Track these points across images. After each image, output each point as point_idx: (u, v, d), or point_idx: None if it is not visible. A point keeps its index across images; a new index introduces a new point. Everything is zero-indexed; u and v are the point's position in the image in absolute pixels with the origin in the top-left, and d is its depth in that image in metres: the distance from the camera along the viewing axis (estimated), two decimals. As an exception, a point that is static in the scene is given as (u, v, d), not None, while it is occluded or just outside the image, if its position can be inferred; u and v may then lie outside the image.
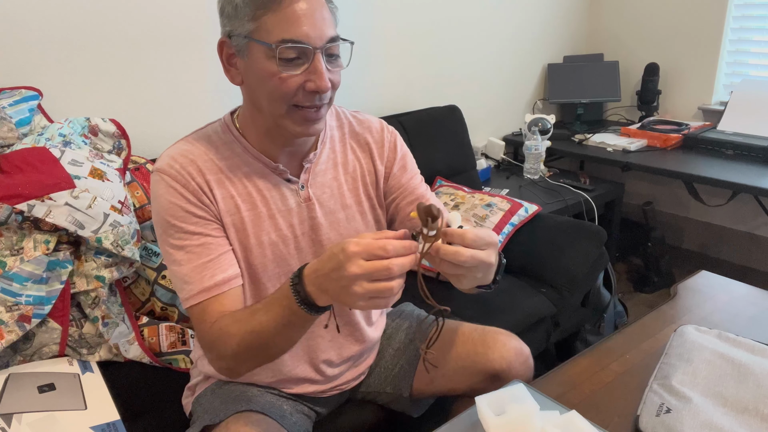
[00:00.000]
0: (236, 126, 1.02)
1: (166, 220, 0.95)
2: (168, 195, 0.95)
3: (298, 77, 0.89)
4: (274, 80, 0.89)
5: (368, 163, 1.11)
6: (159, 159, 0.99)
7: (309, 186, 1.05)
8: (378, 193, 1.12)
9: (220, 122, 1.04)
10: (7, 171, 1.26)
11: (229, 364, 0.93)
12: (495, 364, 1.11)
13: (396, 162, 1.12)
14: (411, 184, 1.13)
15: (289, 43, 0.86)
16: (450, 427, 0.91)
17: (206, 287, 0.93)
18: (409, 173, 1.14)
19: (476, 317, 1.46)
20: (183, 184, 0.95)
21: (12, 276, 1.21)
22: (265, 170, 1.01)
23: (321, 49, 0.88)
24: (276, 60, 0.87)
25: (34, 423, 1.06)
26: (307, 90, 0.90)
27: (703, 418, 0.86)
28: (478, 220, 1.93)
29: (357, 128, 1.12)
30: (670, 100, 2.82)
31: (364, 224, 1.11)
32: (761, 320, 1.17)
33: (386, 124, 1.15)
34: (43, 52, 1.52)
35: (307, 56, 0.88)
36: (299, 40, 0.86)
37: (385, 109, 2.23)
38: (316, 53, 0.88)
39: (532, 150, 2.49)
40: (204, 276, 0.93)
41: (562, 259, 1.83)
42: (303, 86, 0.89)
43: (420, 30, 2.36)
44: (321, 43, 0.88)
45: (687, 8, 2.69)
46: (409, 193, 1.12)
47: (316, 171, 1.06)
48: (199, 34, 1.76)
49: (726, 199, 2.37)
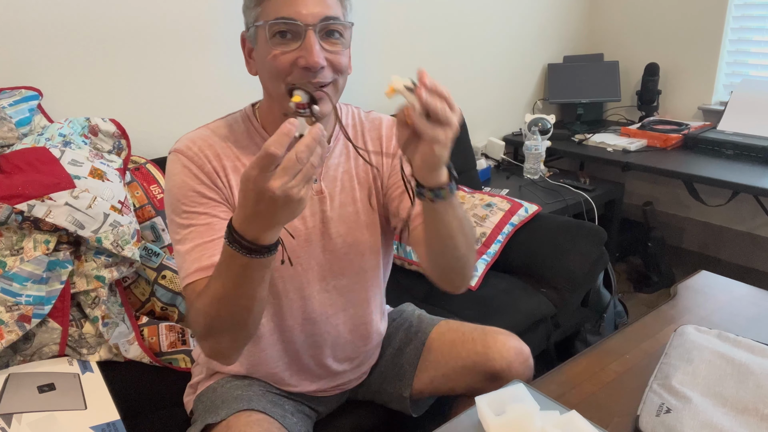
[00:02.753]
0: (256, 117, 1.03)
1: (176, 198, 0.95)
2: (182, 174, 0.96)
3: (291, 54, 0.89)
4: (270, 59, 0.90)
5: (377, 158, 1.11)
6: (178, 141, 1.00)
7: (321, 179, 1.05)
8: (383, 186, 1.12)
9: (241, 112, 1.05)
10: (7, 171, 1.26)
11: (210, 344, 0.91)
12: (495, 364, 1.11)
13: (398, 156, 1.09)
14: None
15: (280, 20, 0.88)
16: (450, 427, 0.91)
17: (203, 266, 0.92)
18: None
19: (476, 317, 1.47)
20: (199, 165, 0.96)
21: (12, 276, 1.21)
22: None
23: (314, 27, 0.88)
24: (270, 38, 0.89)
25: (34, 423, 1.06)
26: (300, 66, 0.89)
27: (703, 418, 0.86)
28: (478, 220, 1.93)
29: (369, 125, 1.12)
30: (670, 100, 2.82)
31: (373, 219, 1.10)
32: (761, 320, 1.17)
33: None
34: (43, 52, 1.51)
35: (300, 34, 0.89)
36: (290, 18, 0.88)
37: (385, 109, 2.22)
38: (308, 30, 0.88)
39: (532, 150, 2.49)
40: (203, 255, 0.93)
41: (562, 259, 1.83)
42: (296, 63, 0.90)
43: (420, 30, 2.36)
44: (313, 20, 0.88)
45: (687, 8, 2.69)
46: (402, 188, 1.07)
47: (329, 164, 1.06)
48: (201, 34, 1.76)
49: (726, 199, 2.38)
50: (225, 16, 1.76)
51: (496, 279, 1.84)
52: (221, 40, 1.79)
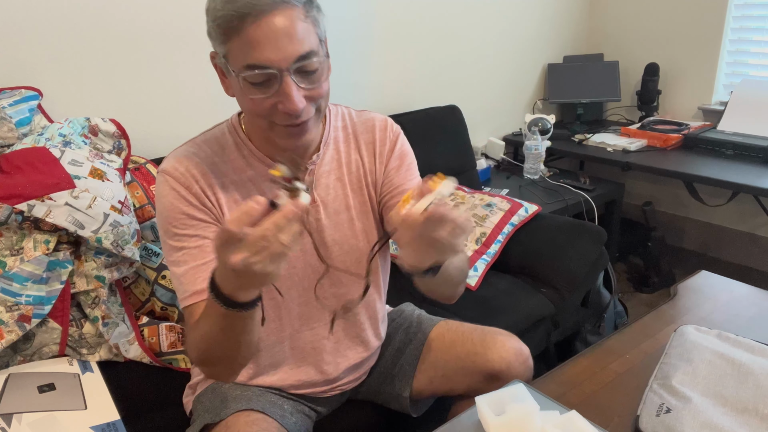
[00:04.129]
0: (242, 127, 1.02)
1: (167, 221, 0.96)
2: (170, 196, 0.95)
3: (269, 99, 0.87)
4: (248, 101, 0.88)
5: (371, 162, 1.09)
6: (165, 160, 0.99)
7: (313, 188, 1.04)
8: (377, 191, 1.10)
9: (227, 123, 1.04)
10: (7, 171, 1.26)
11: (206, 370, 0.95)
12: (494, 365, 1.11)
13: (392, 159, 1.09)
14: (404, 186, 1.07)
15: (253, 69, 0.84)
16: (450, 427, 0.91)
17: (197, 290, 0.93)
18: (404, 174, 1.08)
19: (476, 317, 1.47)
20: (186, 186, 0.95)
21: (12, 276, 1.21)
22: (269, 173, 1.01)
23: (288, 70, 0.84)
24: (243, 86, 0.86)
25: (34, 423, 1.06)
26: (279, 110, 0.88)
27: (703, 418, 0.86)
28: (478, 220, 1.93)
29: (361, 127, 1.10)
30: (670, 100, 2.82)
31: (368, 224, 1.10)
32: (761, 320, 1.17)
33: (391, 122, 1.12)
34: (43, 52, 1.52)
35: (275, 79, 0.85)
36: (262, 65, 0.83)
37: (385, 109, 2.23)
38: (284, 76, 0.84)
39: (532, 150, 2.49)
40: (197, 278, 0.94)
41: (562, 259, 1.83)
42: (275, 107, 0.87)
43: (420, 30, 2.36)
44: (287, 63, 0.84)
45: (687, 8, 2.69)
46: (398, 194, 1.06)
47: (320, 173, 1.05)
48: (200, 34, 1.75)
49: (726, 199, 2.38)
50: (225, 16, 1.76)
51: (496, 279, 1.84)
52: (221, 40, 1.79)
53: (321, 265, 1.05)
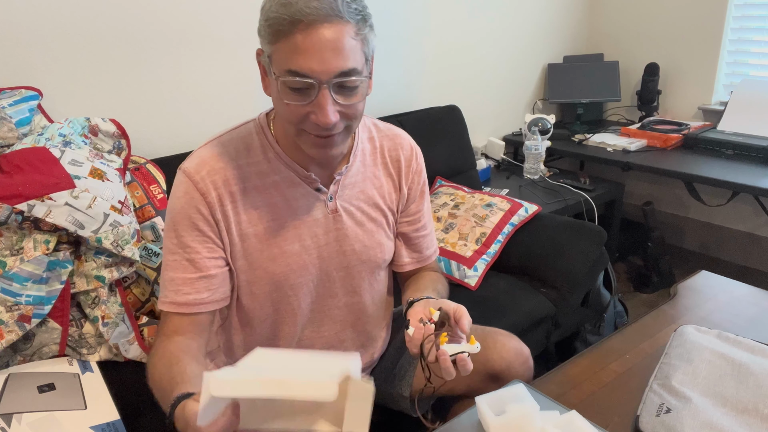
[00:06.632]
0: (270, 129, 1.01)
1: (174, 220, 0.97)
2: (183, 200, 0.96)
3: (304, 107, 0.87)
4: (283, 105, 0.88)
5: (396, 180, 1.12)
6: (189, 158, 0.99)
7: (337, 198, 1.04)
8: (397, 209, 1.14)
9: (254, 122, 1.02)
10: (7, 171, 1.26)
11: None
12: (494, 365, 1.11)
13: (418, 188, 1.15)
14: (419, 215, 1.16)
15: (294, 76, 0.84)
16: (450, 427, 0.91)
17: (177, 302, 0.96)
18: (422, 202, 1.16)
19: (476, 318, 1.46)
20: (202, 193, 0.95)
21: (12, 276, 1.21)
22: (295, 179, 1.00)
23: (327, 84, 0.84)
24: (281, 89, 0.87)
25: (34, 423, 1.06)
26: (311, 120, 0.88)
27: (703, 418, 0.86)
28: (478, 220, 1.93)
29: (388, 143, 1.11)
30: (670, 100, 2.82)
31: (387, 238, 1.12)
32: (761, 320, 1.17)
33: (414, 144, 1.15)
34: (43, 52, 1.52)
35: (314, 89, 0.85)
36: (303, 74, 0.83)
37: (385, 109, 2.23)
38: (323, 88, 0.84)
39: (532, 150, 2.49)
40: (179, 291, 0.96)
41: (562, 259, 1.83)
42: (308, 116, 0.88)
43: (420, 30, 2.36)
44: (327, 77, 0.84)
45: (687, 8, 2.69)
46: (415, 221, 1.16)
47: (345, 183, 1.05)
48: (201, 34, 1.76)
49: (726, 199, 2.38)
50: (225, 16, 1.76)
51: (496, 279, 1.84)
52: (221, 40, 1.79)
53: (337, 274, 1.07)
